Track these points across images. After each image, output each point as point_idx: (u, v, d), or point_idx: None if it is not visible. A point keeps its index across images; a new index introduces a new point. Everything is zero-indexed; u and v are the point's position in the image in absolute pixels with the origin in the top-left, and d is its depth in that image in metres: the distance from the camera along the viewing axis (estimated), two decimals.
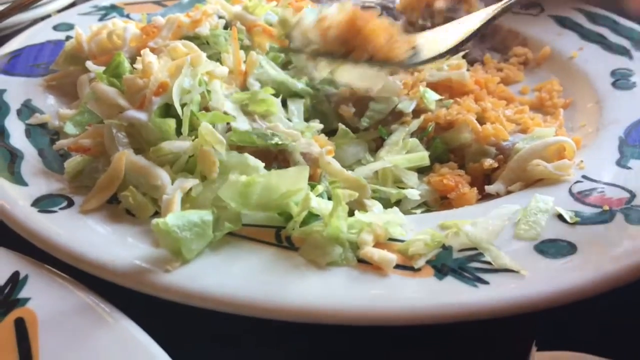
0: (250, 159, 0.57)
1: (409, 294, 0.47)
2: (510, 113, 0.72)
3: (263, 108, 0.68)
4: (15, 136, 0.66)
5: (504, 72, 0.87)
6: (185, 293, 0.47)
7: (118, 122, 0.59)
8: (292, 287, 0.48)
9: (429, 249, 0.51)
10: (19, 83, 0.76)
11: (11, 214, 0.54)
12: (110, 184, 0.56)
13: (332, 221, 0.52)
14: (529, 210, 0.56)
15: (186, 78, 0.61)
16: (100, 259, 0.50)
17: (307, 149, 0.64)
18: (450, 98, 0.74)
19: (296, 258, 0.51)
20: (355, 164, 0.69)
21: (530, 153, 0.63)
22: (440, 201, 0.64)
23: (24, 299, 0.48)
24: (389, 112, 0.72)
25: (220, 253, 0.51)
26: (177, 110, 0.59)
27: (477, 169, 0.65)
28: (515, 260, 0.50)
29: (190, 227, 0.50)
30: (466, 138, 0.67)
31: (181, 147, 0.57)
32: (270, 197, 0.54)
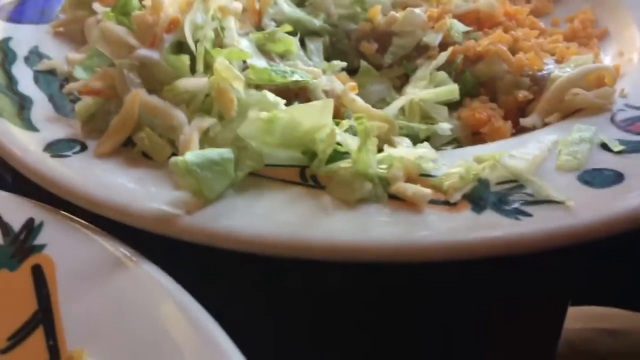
0: (270, 96, 0.54)
1: (447, 228, 0.44)
2: (544, 43, 0.68)
3: (281, 48, 0.65)
4: (23, 83, 0.63)
5: (533, 3, 0.82)
6: (208, 234, 0.45)
7: (129, 62, 0.55)
8: (321, 225, 0.45)
9: (465, 183, 0.48)
10: (24, 30, 0.73)
11: (23, 160, 0.52)
12: (124, 126, 0.53)
13: (360, 156, 0.48)
14: (571, 140, 0.52)
15: (198, 13, 0.57)
16: (118, 202, 0.47)
17: (329, 86, 0.60)
18: (478, 30, 0.70)
19: (323, 196, 0.48)
20: (379, 102, 0.65)
21: (568, 82, 0.59)
22: (472, 137, 0.60)
23: (40, 246, 0.46)
24: (414, 47, 0.68)
25: (243, 193, 0.48)
26: (191, 47, 0.56)
27: (510, 102, 0.61)
28: (559, 191, 0.46)
29: (210, 165, 0.47)
30: (498, 70, 0.63)
31: (197, 84, 0.54)
32: (294, 134, 0.51)
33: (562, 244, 0.43)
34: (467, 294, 0.48)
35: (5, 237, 0.47)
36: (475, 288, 0.48)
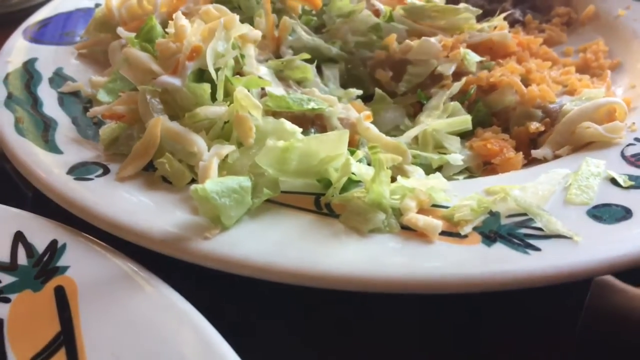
0: (287, 124, 0.56)
1: (457, 261, 0.45)
2: (556, 74, 0.69)
3: (298, 75, 0.66)
4: (48, 104, 0.65)
5: (546, 33, 0.83)
6: (224, 260, 0.46)
7: (152, 88, 0.57)
8: (334, 254, 0.46)
9: (476, 215, 0.49)
10: (49, 51, 0.75)
11: (47, 182, 0.54)
12: (146, 151, 0.55)
13: (374, 187, 0.50)
14: (580, 174, 0.53)
15: (220, 41, 0.59)
16: (138, 226, 0.49)
17: (345, 114, 0.62)
18: (491, 60, 0.71)
19: (336, 225, 0.49)
20: (393, 129, 0.67)
21: (580, 115, 0.60)
22: (483, 167, 0.61)
23: (63, 267, 0.47)
24: (428, 76, 0.69)
25: (259, 220, 0.50)
26: (212, 75, 0.57)
27: (522, 133, 0.62)
28: (567, 226, 0.47)
29: (228, 193, 0.48)
30: (510, 101, 0.64)
31: (217, 112, 0.56)
32: (309, 163, 0.52)
33: (569, 279, 0.44)
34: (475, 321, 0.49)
35: (30, 258, 0.48)
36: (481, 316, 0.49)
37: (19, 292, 0.46)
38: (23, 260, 0.48)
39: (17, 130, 0.60)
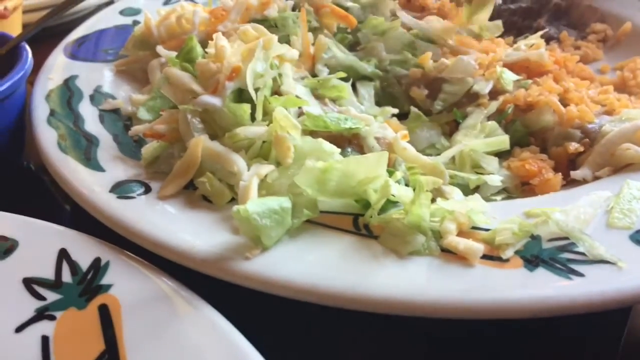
0: (326, 144, 0.56)
1: (499, 286, 0.45)
2: (594, 93, 0.69)
3: (334, 93, 0.67)
4: (89, 122, 0.66)
5: (582, 50, 0.83)
6: (266, 281, 0.46)
7: (192, 108, 0.58)
8: (374, 276, 0.46)
9: (517, 239, 0.49)
10: (89, 68, 0.77)
11: (91, 201, 0.55)
12: (187, 170, 0.55)
13: (413, 209, 0.50)
14: (622, 197, 0.53)
15: (259, 62, 0.60)
16: (181, 245, 0.49)
17: (381, 134, 0.62)
18: (528, 78, 0.71)
19: (375, 246, 0.50)
20: (429, 148, 0.67)
21: (619, 136, 0.60)
22: (521, 187, 0.61)
23: (107, 286, 0.48)
24: (464, 94, 0.69)
25: (298, 240, 0.50)
26: (251, 95, 0.58)
27: (561, 154, 0.62)
28: (610, 251, 0.47)
29: (269, 214, 0.49)
30: (548, 120, 0.64)
31: (256, 132, 0.56)
32: (348, 184, 0.52)
33: (615, 306, 0.43)
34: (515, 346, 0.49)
35: (74, 275, 0.49)
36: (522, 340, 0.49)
37: (64, 309, 0.47)
38: (68, 278, 0.49)
39: (60, 147, 0.61)
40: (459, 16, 0.80)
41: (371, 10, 0.82)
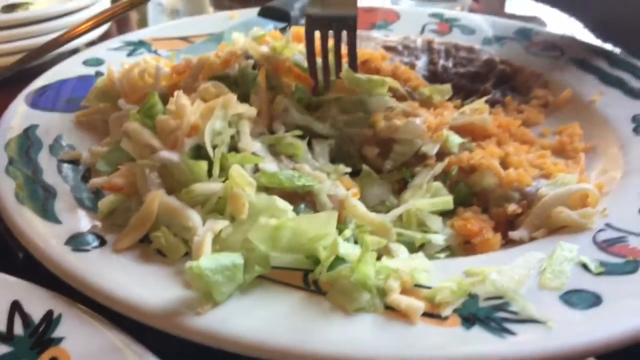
0: (279, 202, 0.59)
1: (437, 343, 0.47)
2: (533, 157, 0.73)
3: (290, 150, 0.70)
4: (47, 172, 0.67)
5: (525, 114, 0.88)
6: (215, 336, 0.48)
7: (150, 163, 0.60)
8: (320, 333, 0.49)
9: (456, 297, 0.52)
10: (49, 118, 0.78)
11: (45, 253, 0.56)
12: (143, 224, 0.57)
13: (360, 267, 0.52)
14: (555, 258, 0.56)
15: (218, 120, 0.63)
16: (132, 299, 0.51)
17: (333, 191, 0.65)
18: (472, 141, 0.75)
19: (323, 303, 0.52)
20: (378, 205, 0.70)
21: (554, 199, 0.64)
22: (464, 246, 0.64)
23: (58, 339, 0.49)
24: (413, 154, 0.73)
25: (249, 296, 0.52)
26: (209, 152, 0.61)
27: (500, 214, 0.66)
28: (542, 311, 0.50)
29: (222, 270, 0.50)
30: (490, 183, 0.68)
31: (212, 189, 0.59)
32: (299, 241, 0.55)
33: None
34: None
35: (26, 328, 0.50)
36: None
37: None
38: (19, 331, 0.50)
39: (17, 197, 0.62)
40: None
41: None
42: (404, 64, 0.95)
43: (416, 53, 1.01)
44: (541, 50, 1.00)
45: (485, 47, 1.02)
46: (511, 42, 1.04)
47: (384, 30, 1.08)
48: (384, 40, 1.02)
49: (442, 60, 0.99)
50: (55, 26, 1.04)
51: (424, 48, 1.01)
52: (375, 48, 0.99)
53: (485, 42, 1.04)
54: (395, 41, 1.02)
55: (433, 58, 1.00)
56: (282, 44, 0.82)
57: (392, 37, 1.04)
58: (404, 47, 1.01)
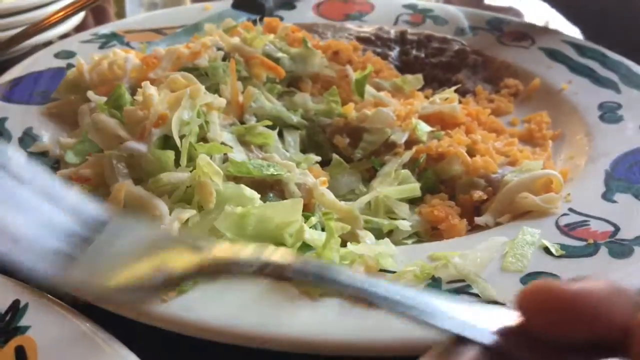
0: (247, 190, 0.59)
1: (399, 325, 0.48)
2: (500, 145, 0.74)
3: (260, 140, 0.70)
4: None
5: (495, 104, 0.89)
6: (181, 323, 0.49)
7: (118, 153, 0.60)
8: (286, 317, 0.49)
9: (419, 281, 0.53)
10: (20, 111, 0.78)
11: None
12: None
13: (325, 253, 0.53)
14: (517, 242, 0.57)
15: (185, 110, 0.63)
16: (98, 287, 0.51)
17: (302, 180, 0.65)
18: (442, 129, 0.76)
19: (290, 289, 0.52)
20: (348, 193, 0.71)
21: (519, 185, 0.65)
22: (431, 231, 0.65)
23: (24, 327, 0.49)
24: (382, 143, 0.74)
25: (215, 283, 0.52)
26: (176, 142, 0.61)
27: (467, 201, 0.67)
28: (502, 293, 0.51)
29: None
30: (456, 170, 0.69)
31: (180, 178, 0.59)
32: (266, 228, 0.55)
33: None
34: None
35: None
36: None
37: None
38: None
39: None
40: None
41: (301, 61, 0.86)
42: (377, 54, 0.96)
43: (389, 44, 1.01)
44: (512, 40, 1.02)
45: (458, 37, 1.03)
46: (483, 32, 1.05)
47: (357, 21, 1.09)
48: (358, 31, 1.03)
49: (415, 51, 1.00)
50: (25, 19, 1.03)
51: (397, 39, 1.02)
52: (349, 39, 1.00)
53: (458, 32, 1.05)
54: (368, 32, 1.03)
55: (406, 48, 1.00)
56: (253, 35, 0.82)
57: (365, 28, 1.04)
58: (377, 37, 1.02)
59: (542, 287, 0.31)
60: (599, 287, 0.31)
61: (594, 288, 0.31)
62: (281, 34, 0.89)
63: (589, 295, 0.31)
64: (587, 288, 0.31)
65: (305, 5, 1.11)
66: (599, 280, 0.32)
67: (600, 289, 0.31)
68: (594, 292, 0.31)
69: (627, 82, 0.86)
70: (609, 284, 0.32)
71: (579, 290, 0.31)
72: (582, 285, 0.31)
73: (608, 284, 0.32)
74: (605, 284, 0.32)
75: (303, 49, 0.85)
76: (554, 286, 0.31)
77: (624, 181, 0.67)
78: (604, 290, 0.31)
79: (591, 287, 0.31)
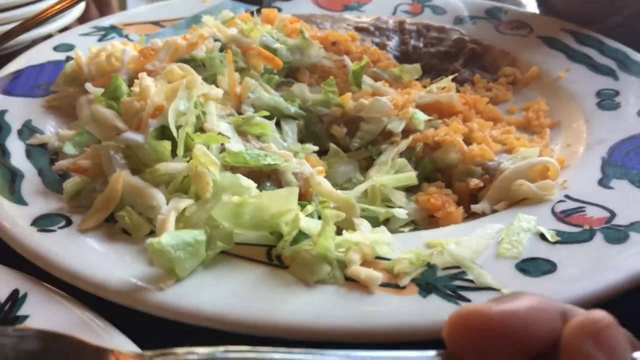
0: (243, 180, 0.59)
1: (394, 311, 0.49)
2: (496, 133, 0.74)
3: (257, 130, 0.70)
4: (16, 156, 0.68)
5: (493, 92, 0.89)
6: (178, 311, 0.49)
7: (115, 144, 0.61)
8: (282, 304, 0.50)
9: (414, 268, 0.53)
10: (19, 103, 0.78)
11: (11, 233, 0.56)
12: (107, 204, 0.58)
13: (320, 241, 0.53)
14: (512, 229, 0.58)
15: (182, 101, 0.63)
16: (96, 277, 0.52)
17: (299, 169, 0.66)
18: (439, 118, 0.76)
19: (286, 276, 0.53)
20: (346, 182, 0.71)
21: (515, 173, 0.65)
22: (428, 219, 0.65)
23: (23, 316, 0.50)
24: (379, 132, 0.74)
25: (212, 271, 0.53)
26: (173, 132, 0.61)
27: (463, 188, 0.67)
28: (497, 279, 0.51)
29: (183, 246, 0.51)
30: (453, 158, 0.69)
31: (176, 168, 0.59)
32: (262, 217, 0.56)
33: None
34: None
35: None
36: None
37: None
38: None
39: None
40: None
41: (298, 51, 0.86)
42: (375, 44, 0.96)
43: (388, 34, 1.01)
44: (510, 29, 1.01)
45: (456, 26, 1.02)
46: (482, 21, 1.04)
47: (356, 11, 1.08)
48: (356, 22, 1.03)
49: (413, 41, 1.00)
50: (25, 13, 1.03)
51: (395, 29, 1.02)
52: (347, 29, 1.00)
53: (457, 21, 1.05)
54: (367, 22, 1.03)
55: (405, 38, 1.00)
56: (250, 26, 0.82)
57: (364, 18, 1.04)
58: (375, 28, 1.02)
59: (468, 316, 0.31)
60: (524, 305, 0.31)
61: (519, 307, 0.31)
62: (279, 25, 0.89)
63: (515, 316, 0.31)
64: (513, 308, 0.31)
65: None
66: (523, 297, 0.32)
67: (525, 307, 0.31)
68: (520, 312, 0.31)
69: (625, 68, 0.86)
70: (534, 299, 0.32)
71: (505, 313, 0.31)
72: (508, 306, 0.31)
73: (532, 300, 0.32)
74: (529, 299, 0.32)
75: (300, 39, 0.85)
76: (479, 313, 0.31)
77: (620, 167, 0.67)
78: (529, 307, 0.31)
79: (517, 307, 0.31)
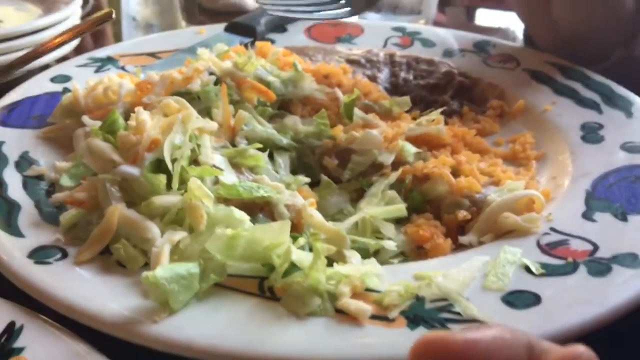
0: (236, 212, 0.61)
1: (383, 343, 0.50)
2: (484, 166, 0.76)
3: (251, 162, 0.72)
4: (12, 188, 0.69)
5: (481, 124, 0.91)
6: (171, 343, 0.50)
7: (111, 177, 0.62)
8: (273, 336, 0.51)
9: (403, 300, 0.54)
10: (17, 135, 0.79)
11: (8, 265, 0.57)
12: (103, 237, 0.59)
13: (311, 273, 0.55)
14: (498, 261, 0.59)
15: (177, 135, 0.65)
16: (91, 309, 0.53)
17: (291, 201, 0.67)
18: (428, 150, 0.78)
19: (278, 308, 0.54)
20: (337, 213, 0.72)
21: (501, 205, 0.67)
22: (417, 250, 0.67)
23: (19, 349, 0.50)
24: (370, 164, 0.76)
25: (205, 303, 0.54)
26: (168, 166, 0.63)
27: (451, 220, 0.69)
28: (484, 311, 0.53)
29: (177, 279, 0.53)
30: (441, 190, 0.71)
31: (171, 201, 0.61)
32: (255, 250, 0.57)
33: None
34: None
35: None
36: None
37: None
38: None
39: None
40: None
41: (291, 84, 0.88)
42: (366, 77, 0.99)
43: (378, 66, 1.04)
44: (498, 62, 1.04)
45: (445, 59, 1.05)
46: (470, 54, 1.07)
47: (347, 43, 1.11)
48: (348, 54, 1.05)
49: (403, 73, 1.02)
50: (25, 43, 1.06)
51: (386, 61, 1.05)
52: (339, 61, 1.03)
53: (446, 54, 1.07)
54: (358, 55, 1.05)
55: (395, 70, 1.03)
56: (244, 59, 0.84)
57: (355, 51, 1.07)
58: (367, 60, 1.05)
59: (430, 342, 0.33)
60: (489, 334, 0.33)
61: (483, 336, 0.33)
62: (272, 58, 0.91)
63: (477, 344, 0.33)
64: (476, 337, 0.33)
65: (297, 28, 1.14)
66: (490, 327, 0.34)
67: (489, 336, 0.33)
68: (483, 340, 0.33)
69: (609, 102, 0.89)
70: (499, 330, 0.34)
71: (467, 341, 0.33)
72: (471, 335, 0.33)
73: (498, 330, 0.34)
74: (495, 330, 0.34)
75: (294, 72, 0.87)
76: (441, 340, 0.33)
77: (603, 200, 0.69)
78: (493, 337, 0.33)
79: (480, 336, 0.33)
